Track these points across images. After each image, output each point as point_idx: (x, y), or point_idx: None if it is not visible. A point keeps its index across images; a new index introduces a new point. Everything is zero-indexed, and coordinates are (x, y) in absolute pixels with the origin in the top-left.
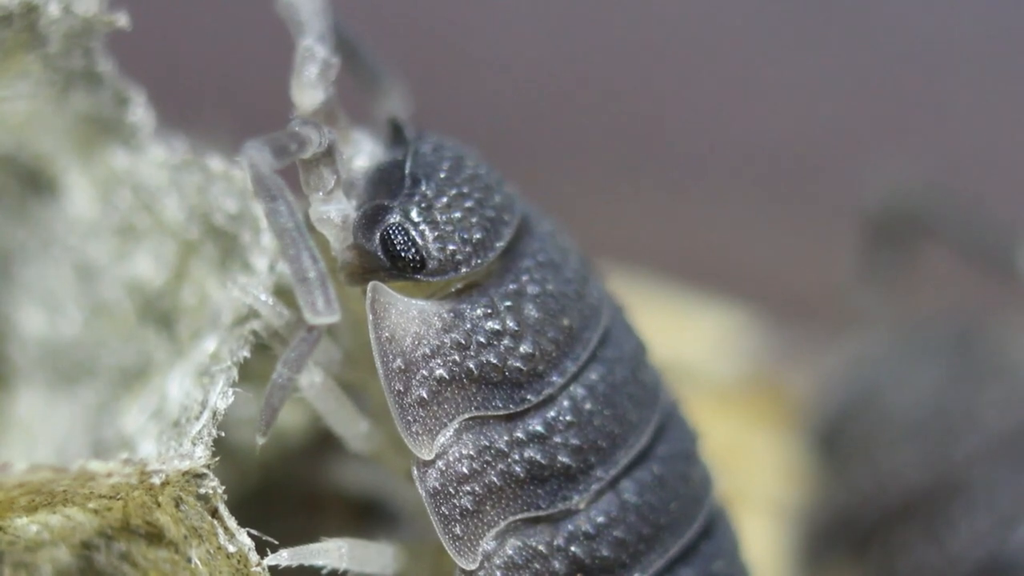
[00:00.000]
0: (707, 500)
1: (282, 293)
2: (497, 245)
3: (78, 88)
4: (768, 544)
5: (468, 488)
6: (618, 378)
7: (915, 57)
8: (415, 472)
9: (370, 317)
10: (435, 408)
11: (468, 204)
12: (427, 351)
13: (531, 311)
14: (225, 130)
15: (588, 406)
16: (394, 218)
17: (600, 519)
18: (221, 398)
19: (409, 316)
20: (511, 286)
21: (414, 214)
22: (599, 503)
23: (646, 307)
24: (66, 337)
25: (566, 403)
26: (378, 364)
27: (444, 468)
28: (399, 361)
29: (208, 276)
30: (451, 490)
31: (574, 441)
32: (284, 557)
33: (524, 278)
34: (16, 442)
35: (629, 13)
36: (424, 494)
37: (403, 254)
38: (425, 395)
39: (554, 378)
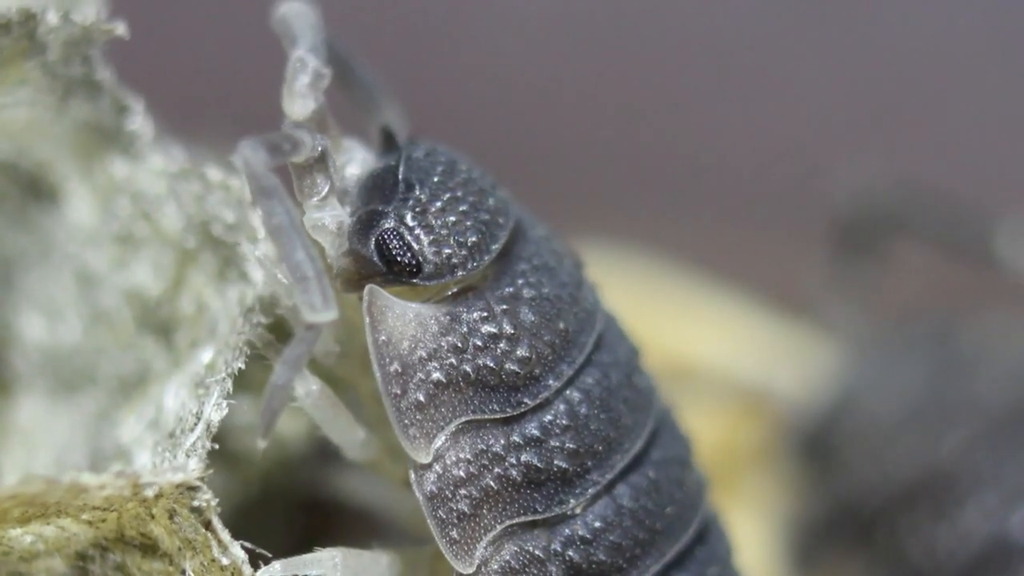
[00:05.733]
0: (702, 505)
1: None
2: (492, 248)
3: (77, 96)
4: (762, 546)
5: (465, 492)
6: (613, 382)
7: (917, 58)
8: (412, 476)
9: (367, 321)
10: (432, 411)
11: (462, 208)
12: (424, 354)
13: (527, 314)
14: (224, 139)
15: (584, 410)
16: (389, 223)
17: (597, 524)
18: (215, 410)
19: (406, 320)
20: (507, 289)
21: (409, 218)
22: (595, 507)
23: (644, 307)
24: (66, 344)
25: (562, 407)
26: (375, 368)
27: (441, 472)
28: (396, 364)
29: (206, 285)
30: (448, 494)
31: (570, 445)
32: (277, 569)
33: (520, 281)
34: (16, 449)
35: (629, 16)
36: (421, 497)
37: (399, 258)
38: (422, 398)
39: (550, 381)
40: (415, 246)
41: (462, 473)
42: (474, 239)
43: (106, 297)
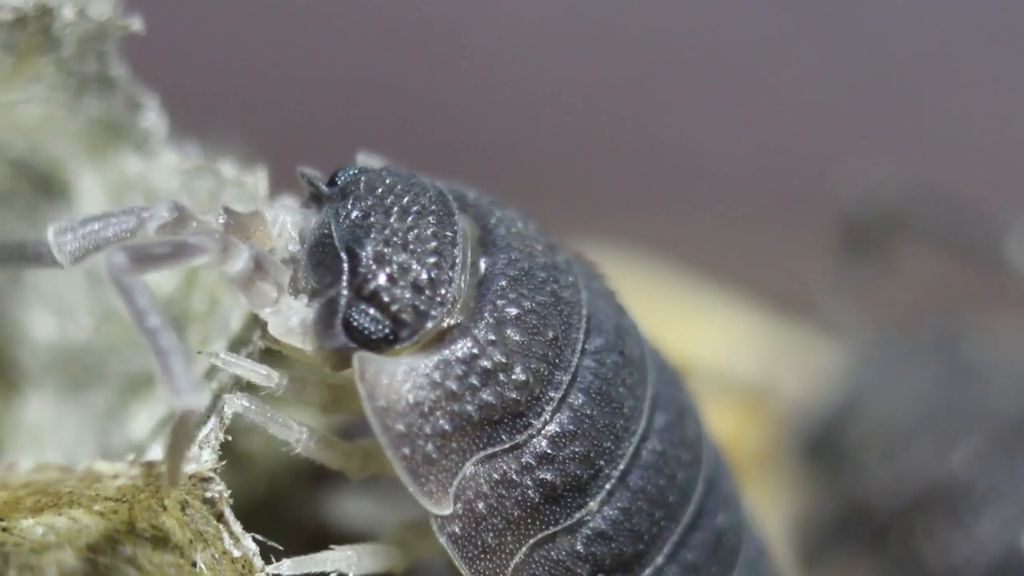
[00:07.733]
0: (703, 450)
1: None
2: (453, 275)
3: (91, 92)
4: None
5: (487, 524)
6: (610, 368)
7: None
8: (433, 524)
9: (362, 391)
10: (444, 462)
11: (411, 248)
12: (425, 408)
13: (515, 335)
14: (238, 136)
15: (588, 410)
16: (350, 308)
17: (615, 515)
18: (228, 403)
19: (399, 379)
20: (490, 317)
21: (366, 292)
22: (612, 501)
23: (646, 308)
24: (76, 342)
25: (567, 415)
26: (379, 434)
27: (462, 513)
28: (399, 425)
29: (218, 282)
30: (471, 532)
31: (580, 450)
32: (286, 567)
33: (500, 303)
34: (26, 447)
35: (631, 15)
36: (445, 540)
37: (373, 336)
38: (432, 451)
39: (550, 394)
40: (383, 318)
41: (483, 509)
42: (434, 274)
43: (116, 295)
